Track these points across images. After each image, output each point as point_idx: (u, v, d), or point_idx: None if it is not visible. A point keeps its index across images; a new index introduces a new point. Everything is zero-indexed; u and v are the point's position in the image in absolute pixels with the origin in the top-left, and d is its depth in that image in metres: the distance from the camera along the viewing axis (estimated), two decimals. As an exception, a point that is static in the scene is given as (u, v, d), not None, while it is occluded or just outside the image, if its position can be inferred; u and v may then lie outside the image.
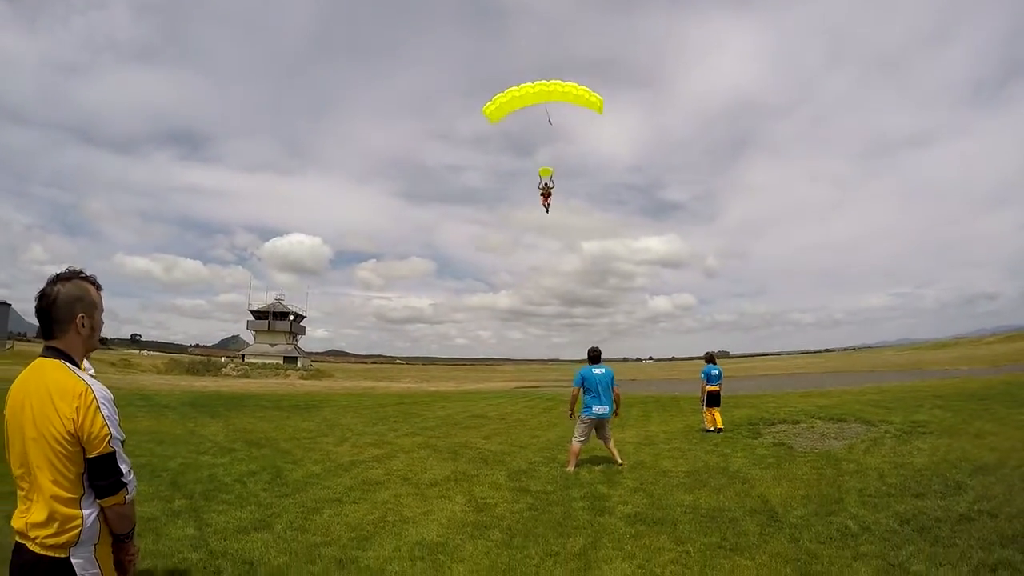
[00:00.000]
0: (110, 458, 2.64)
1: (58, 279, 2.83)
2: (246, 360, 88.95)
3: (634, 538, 7.28)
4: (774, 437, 14.20)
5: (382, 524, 7.97)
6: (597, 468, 11.49)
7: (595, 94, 19.17)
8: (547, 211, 25.12)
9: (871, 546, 6.41)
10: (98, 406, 2.65)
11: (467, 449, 13.62)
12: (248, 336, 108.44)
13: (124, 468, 2.68)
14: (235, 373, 64.86)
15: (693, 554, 6.59)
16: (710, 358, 17.59)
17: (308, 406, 25.79)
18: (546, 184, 22.67)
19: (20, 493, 2.73)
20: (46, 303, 2.77)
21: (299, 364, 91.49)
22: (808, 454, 11.78)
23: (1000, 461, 9.42)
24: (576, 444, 11.52)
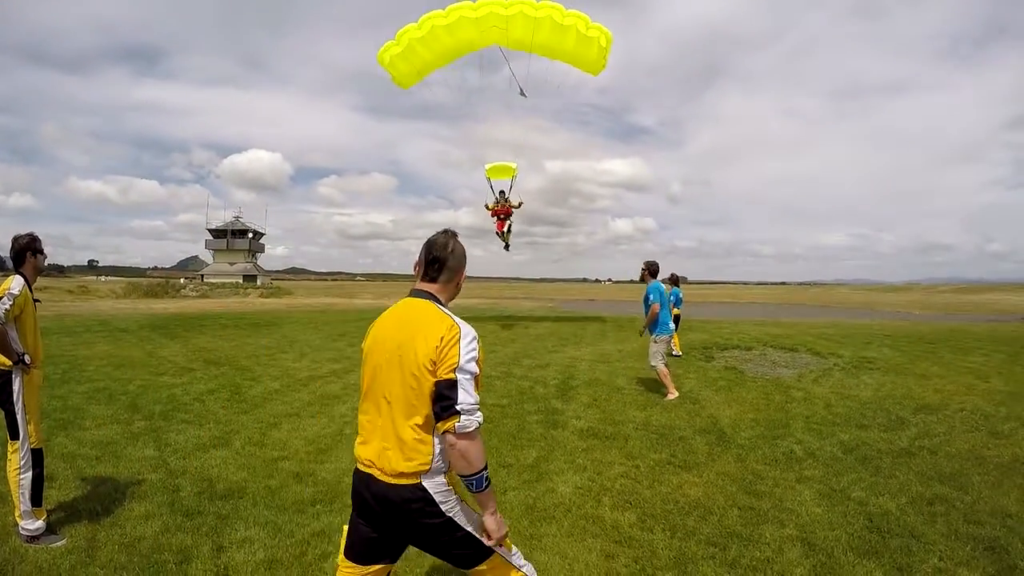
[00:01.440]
0: (451, 383, 2.66)
1: (453, 235, 3.15)
2: (205, 280, 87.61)
3: (586, 452, 7.46)
4: (726, 362, 14.53)
5: (339, 437, 8.08)
6: (552, 383, 11.66)
7: (593, 31, 16.86)
8: (506, 244, 24.04)
9: (815, 471, 6.61)
10: (459, 339, 2.74)
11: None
12: (207, 256, 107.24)
13: (462, 397, 2.65)
14: (194, 294, 64.19)
15: (643, 469, 6.79)
16: (675, 280, 17.43)
17: (267, 324, 25.82)
18: (501, 199, 22.94)
19: (368, 422, 2.93)
20: (445, 252, 3.02)
21: (259, 282, 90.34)
22: (758, 380, 12.08)
23: (943, 403, 9.70)
24: (664, 366, 10.81)
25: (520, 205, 23.23)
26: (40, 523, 5.01)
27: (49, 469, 6.22)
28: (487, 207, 21.92)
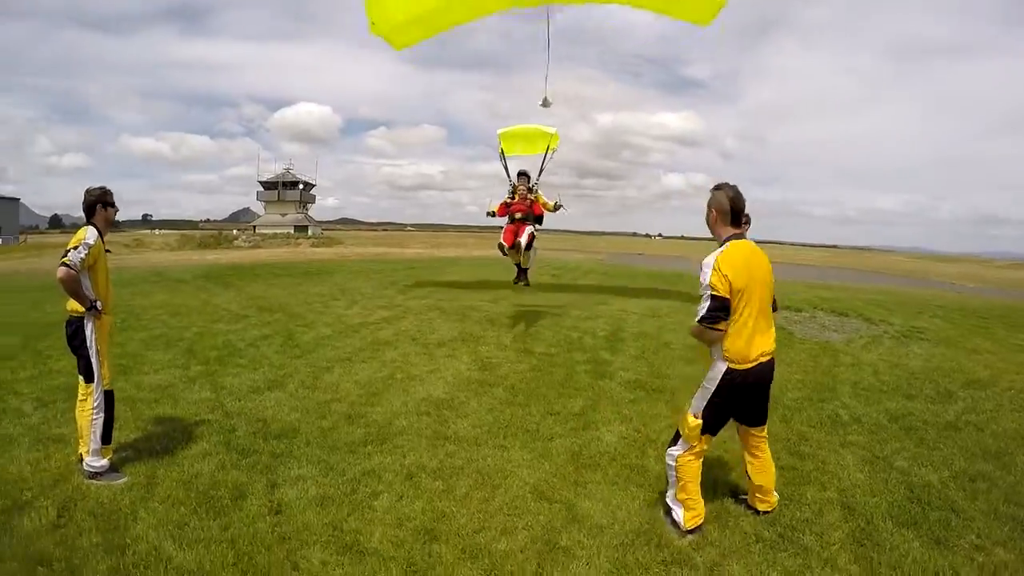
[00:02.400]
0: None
1: (721, 187, 4.64)
2: (257, 231, 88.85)
3: (632, 403, 7.63)
4: (776, 322, 14.25)
5: (390, 382, 8.36)
6: (600, 335, 11.78)
7: None
8: (523, 278, 13.32)
9: (859, 436, 6.66)
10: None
11: (474, 311, 13.89)
12: (259, 208, 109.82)
13: None
14: (247, 244, 65.08)
15: (688, 423, 6.87)
16: None
17: (319, 272, 26.13)
18: (523, 189, 12.41)
19: (764, 326, 4.57)
20: (743, 203, 4.59)
21: (310, 233, 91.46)
22: (807, 342, 12.02)
23: (992, 379, 9.56)
24: None
25: (558, 208, 12.63)
26: (105, 461, 5.34)
27: None
28: (490, 214, 12.48)
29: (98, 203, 5.49)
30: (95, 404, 5.35)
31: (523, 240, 11.74)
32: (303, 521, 4.62)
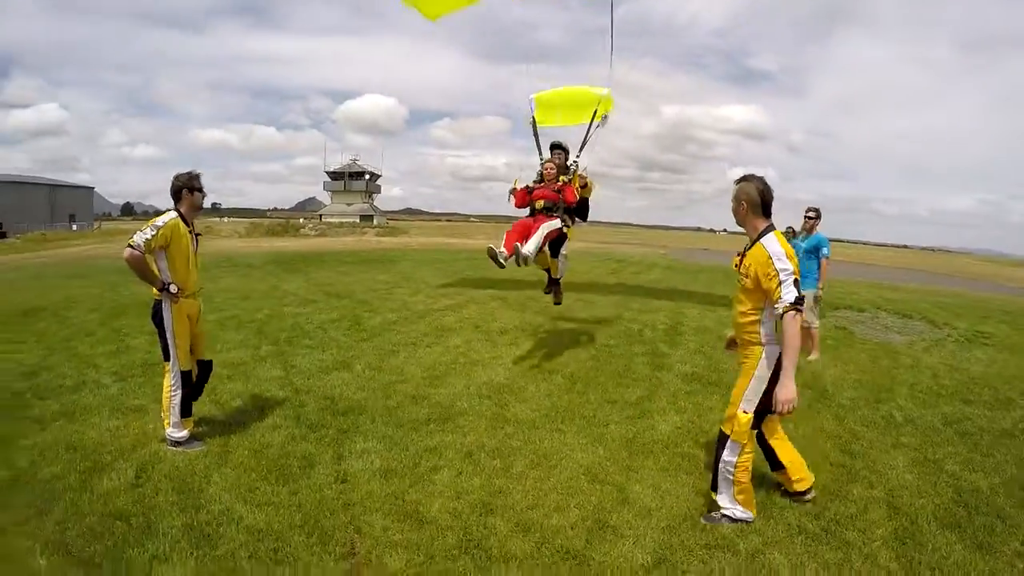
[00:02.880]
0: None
1: (748, 178, 4.67)
2: (324, 220, 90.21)
3: (688, 395, 7.79)
4: (837, 321, 14.32)
5: (453, 366, 8.69)
6: (660, 327, 11.92)
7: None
8: (555, 296, 10.00)
9: (912, 438, 6.69)
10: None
11: (535, 302, 14.10)
12: (325, 197, 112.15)
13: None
14: (313, 233, 66.18)
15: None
16: (793, 234, 17.02)
17: (385, 260, 26.65)
18: (559, 168, 8.91)
19: None
20: (772, 195, 4.59)
21: (375, 222, 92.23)
22: (868, 342, 11.99)
23: (1056, 389, 9.39)
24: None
25: (588, 188, 9.04)
26: (185, 432, 5.68)
27: None
28: (513, 190, 8.96)
29: (184, 188, 5.71)
30: (173, 382, 5.65)
31: (530, 246, 7.53)
32: (367, 490, 4.93)
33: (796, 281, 4.28)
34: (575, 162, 8.99)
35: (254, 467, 5.29)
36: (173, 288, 5.58)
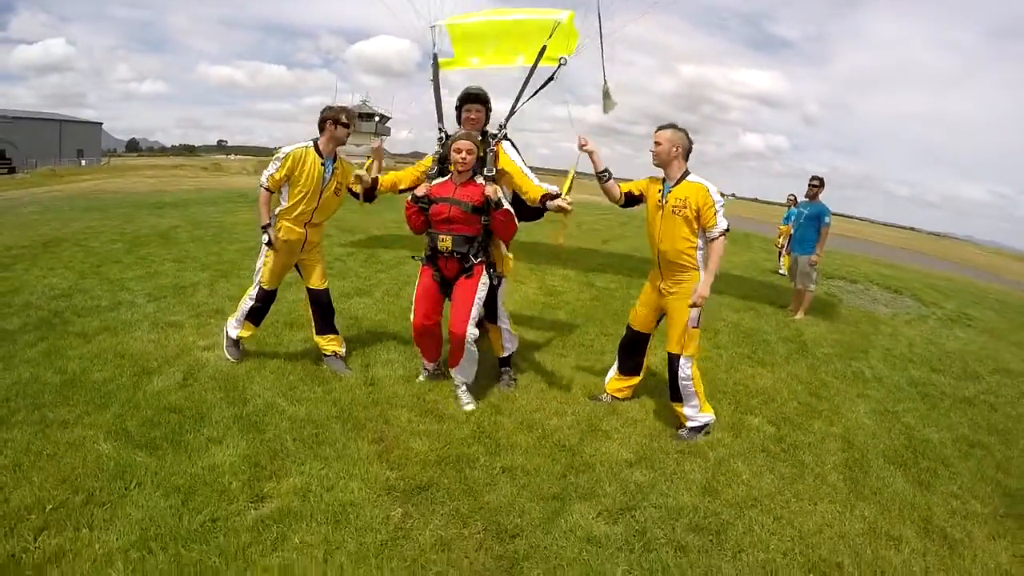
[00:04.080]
0: None
1: (675, 126, 5.26)
2: None
3: (675, 331, 8.48)
4: (828, 288, 14.81)
5: None
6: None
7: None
8: (507, 372, 6.29)
9: (876, 392, 7.36)
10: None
11: (541, 246, 14.53)
12: None
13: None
14: None
15: (724, 357, 7.84)
16: (794, 202, 16.70)
17: (394, 199, 26.70)
18: (473, 139, 5.42)
19: None
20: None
21: (383, 164, 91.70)
22: (854, 310, 12.59)
23: (1025, 372, 9.88)
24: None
25: (567, 209, 5.21)
26: (239, 332, 6.13)
27: (217, 305, 8.01)
28: (362, 185, 6.04)
29: (327, 120, 5.74)
30: (252, 291, 6.08)
31: (466, 369, 5.63)
32: (392, 391, 5.67)
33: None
34: (503, 130, 5.84)
35: (291, 371, 5.95)
36: (265, 237, 5.77)
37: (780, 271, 16.47)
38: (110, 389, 5.30)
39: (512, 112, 5.85)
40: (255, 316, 6.16)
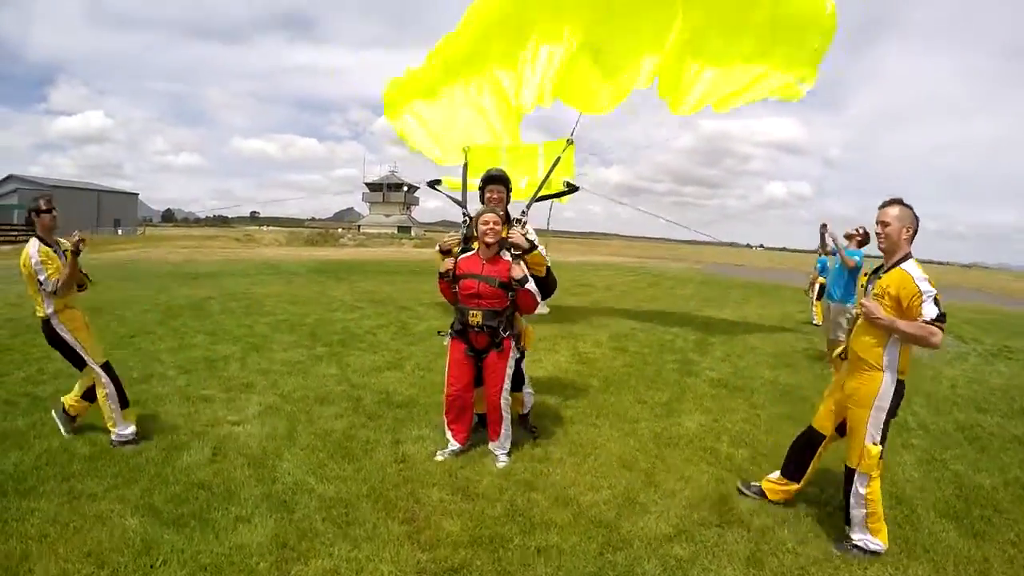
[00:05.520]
0: None
1: (903, 202, 4.62)
2: (362, 231, 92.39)
3: (713, 398, 8.38)
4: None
5: None
6: (691, 338, 12.50)
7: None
8: (529, 426, 6.69)
9: (922, 441, 7.13)
10: None
11: (574, 312, 14.55)
12: (363, 208, 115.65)
13: None
14: (352, 243, 67.30)
15: (763, 418, 7.64)
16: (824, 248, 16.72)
17: (424, 272, 26.99)
18: (498, 214, 5.79)
19: None
20: None
21: (413, 233, 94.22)
22: (892, 355, 12.19)
23: (1076, 404, 9.47)
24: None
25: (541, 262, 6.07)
26: (132, 427, 5.94)
27: (247, 379, 8.06)
28: (443, 248, 6.15)
29: (31, 211, 5.79)
30: (103, 380, 5.89)
31: (503, 442, 5.99)
32: (424, 469, 5.57)
33: (937, 300, 4.34)
34: (524, 215, 6.32)
35: (321, 448, 5.94)
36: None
37: (813, 321, 16.17)
38: (139, 462, 5.40)
39: (533, 201, 6.58)
40: (123, 394, 6.03)
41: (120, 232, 78.55)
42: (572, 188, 7.10)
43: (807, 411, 7.97)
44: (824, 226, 10.60)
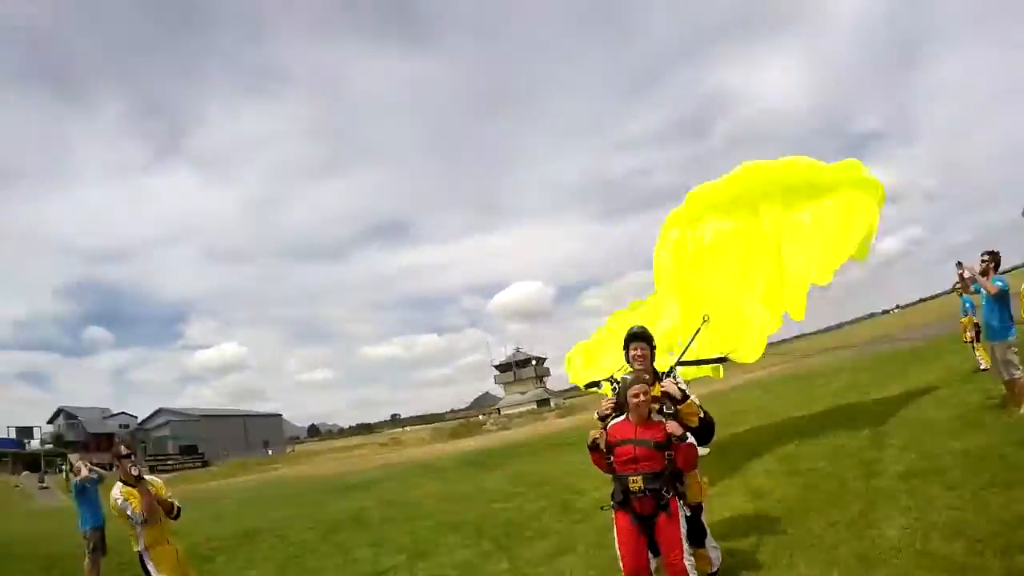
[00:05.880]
0: None
1: None
2: (502, 413, 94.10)
3: (908, 493, 7.61)
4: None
5: None
6: (863, 434, 11.49)
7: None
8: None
9: None
10: None
11: (736, 444, 13.87)
12: (498, 390, 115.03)
13: None
14: (495, 427, 68.43)
15: (966, 497, 6.89)
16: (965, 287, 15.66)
17: (574, 442, 26.23)
18: (646, 372, 6.23)
19: None
20: None
21: (552, 404, 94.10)
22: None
23: None
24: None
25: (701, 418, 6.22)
26: None
27: None
28: (601, 415, 6.28)
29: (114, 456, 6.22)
30: None
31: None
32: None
33: None
34: (673, 371, 6.43)
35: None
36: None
37: (981, 367, 14.89)
38: None
39: (677, 364, 6.72)
40: None
41: (270, 452, 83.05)
42: (722, 359, 7.76)
43: (1009, 471, 7.27)
44: (959, 264, 10.16)
